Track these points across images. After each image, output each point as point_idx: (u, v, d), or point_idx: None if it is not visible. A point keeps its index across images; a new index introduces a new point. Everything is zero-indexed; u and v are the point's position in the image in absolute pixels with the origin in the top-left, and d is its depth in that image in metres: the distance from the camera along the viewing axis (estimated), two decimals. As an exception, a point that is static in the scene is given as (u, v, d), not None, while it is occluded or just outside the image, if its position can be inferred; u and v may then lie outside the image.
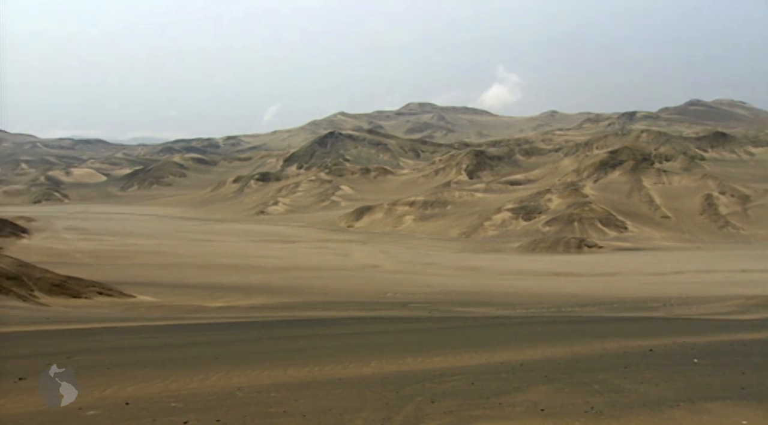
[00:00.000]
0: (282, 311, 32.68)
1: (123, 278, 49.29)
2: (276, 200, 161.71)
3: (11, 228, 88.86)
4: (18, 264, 43.83)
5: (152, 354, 15.30)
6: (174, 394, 10.32)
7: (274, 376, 12.02)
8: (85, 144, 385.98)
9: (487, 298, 41.82)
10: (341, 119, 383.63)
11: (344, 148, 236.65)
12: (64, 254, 69.01)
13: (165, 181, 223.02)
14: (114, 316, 30.06)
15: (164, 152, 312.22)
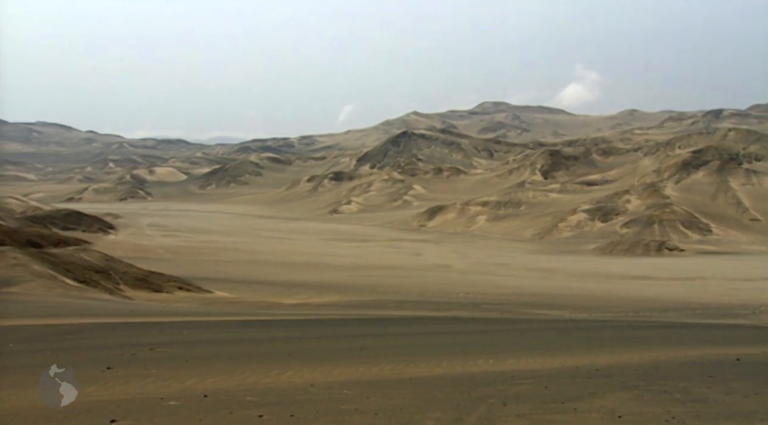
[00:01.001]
0: (354, 310, 32.97)
1: (201, 273, 50.91)
2: (349, 200, 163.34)
3: (100, 224, 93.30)
4: (105, 259, 45.98)
5: (229, 348, 15.71)
6: (250, 388, 10.56)
7: (346, 373, 12.13)
8: (167, 144, 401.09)
9: (561, 300, 40.93)
10: (414, 118, 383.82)
11: (417, 147, 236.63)
12: (147, 249, 71.92)
13: (242, 180, 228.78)
14: (193, 310, 31.07)
15: (241, 152, 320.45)
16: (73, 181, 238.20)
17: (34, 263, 38.54)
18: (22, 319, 22.06)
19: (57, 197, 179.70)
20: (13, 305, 27.82)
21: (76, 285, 37.49)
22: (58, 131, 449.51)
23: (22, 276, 35.97)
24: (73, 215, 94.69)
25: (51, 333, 17.98)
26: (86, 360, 13.20)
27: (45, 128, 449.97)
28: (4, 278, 35.70)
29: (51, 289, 34.76)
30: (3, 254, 39.94)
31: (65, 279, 37.79)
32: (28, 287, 34.24)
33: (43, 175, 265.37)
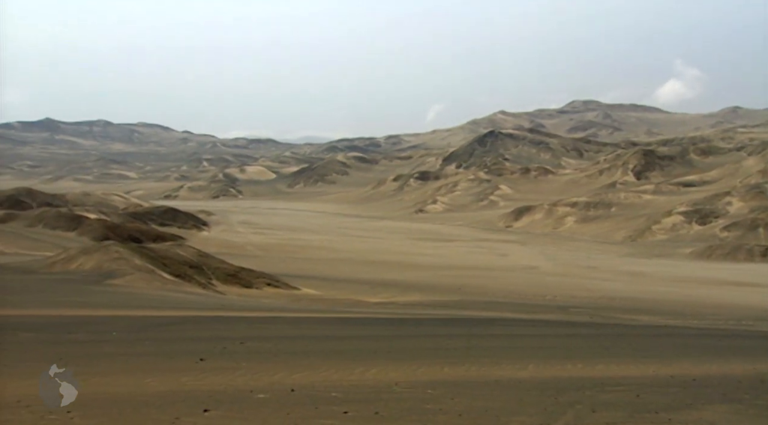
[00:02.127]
0: (438, 309, 32.87)
1: (289, 270, 52.12)
2: (434, 199, 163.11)
3: (194, 221, 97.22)
4: (199, 254, 47.83)
5: (315, 344, 16.00)
6: (335, 384, 10.71)
7: (430, 373, 12.10)
8: (257, 143, 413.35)
9: (653, 305, 39.34)
10: (501, 117, 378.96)
11: (504, 147, 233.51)
12: (237, 246, 74.37)
13: (329, 179, 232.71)
14: (280, 306, 31.84)
15: (329, 151, 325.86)
16: (170, 179, 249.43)
17: (135, 258, 40.56)
18: (124, 310, 23.26)
19: (155, 195, 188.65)
20: (116, 297, 29.40)
21: (172, 279, 39.20)
22: (157, 131, 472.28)
23: (123, 269, 37.95)
24: (170, 212, 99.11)
25: (150, 324, 18.87)
26: (181, 351, 13.77)
27: (145, 129, 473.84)
28: (108, 270, 37.79)
29: (149, 282, 36.50)
30: (107, 248, 42.29)
31: (162, 273, 39.58)
32: (129, 279, 36.09)
33: (143, 173, 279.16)
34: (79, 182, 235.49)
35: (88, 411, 8.06)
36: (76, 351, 13.12)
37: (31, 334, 15.58)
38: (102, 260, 39.69)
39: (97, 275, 36.93)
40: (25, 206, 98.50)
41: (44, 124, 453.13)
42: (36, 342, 14.42)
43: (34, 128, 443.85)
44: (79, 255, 41.31)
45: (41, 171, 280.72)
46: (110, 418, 7.85)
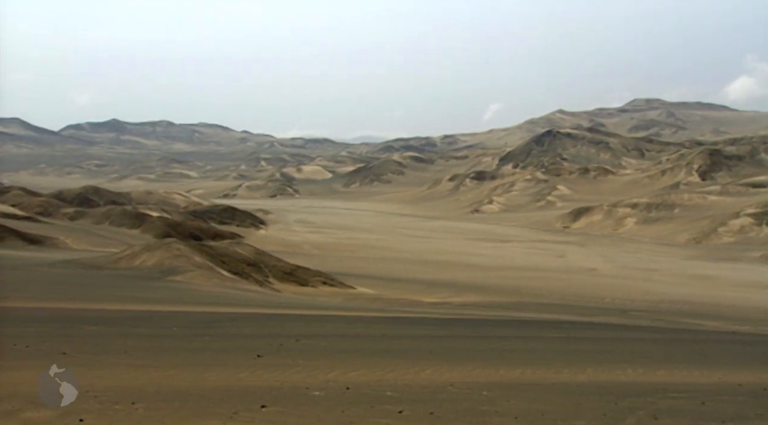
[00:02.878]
0: (494, 311, 32.55)
1: (344, 269, 52.49)
2: (491, 199, 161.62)
3: (252, 220, 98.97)
4: (256, 252, 48.65)
5: (370, 343, 16.06)
6: (390, 384, 10.71)
7: (485, 375, 11.98)
8: (314, 143, 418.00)
9: (719, 311, 37.99)
10: (560, 117, 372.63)
11: (562, 147, 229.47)
12: (294, 244, 75.33)
13: (385, 178, 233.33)
14: (336, 305, 32.09)
15: (384, 151, 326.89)
16: (229, 178, 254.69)
17: (195, 255, 41.56)
18: (184, 306, 23.85)
19: (214, 194, 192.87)
20: (177, 293, 30.18)
21: (230, 277, 39.99)
22: (217, 131, 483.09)
23: (184, 266, 38.93)
24: (228, 210, 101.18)
25: (209, 320, 19.29)
26: (239, 347, 14.02)
27: (206, 129, 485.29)
28: (169, 267, 38.84)
29: (209, 279, 37.34)
30: (169, 245, 43.46)
31: (221, 271, 40.43)
32: (189, 276, 36.99)
33: (203, 172, 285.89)
34: (142, 181, 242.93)
35: (151, 403, 8.29)
36: (140, 345, 13.52)
37: (98, 327, 16.13)
38: (164, 257, 40.81)
39: (159, 271, 37.99)
40: (92, 203, 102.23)
41: (111, 124, 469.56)
42: (102, 335, 14.93)
43: (102, 128, 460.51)
44: (142, 252, 42.59)
45: (108, 170, 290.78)
46: (172, 410, 8.04)
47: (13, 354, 11.69)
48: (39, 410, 7.51)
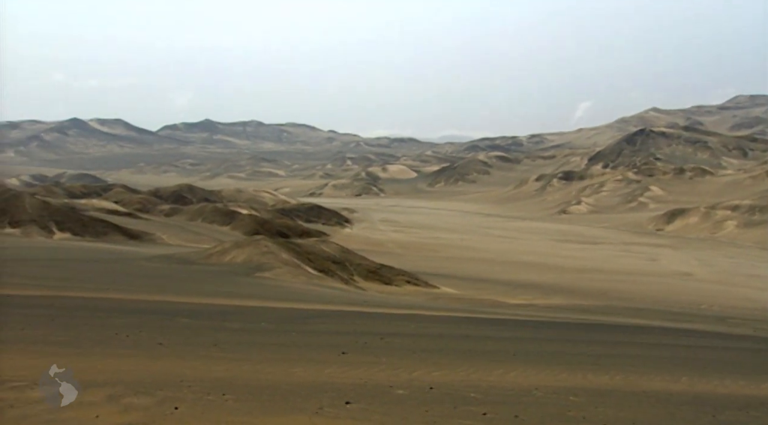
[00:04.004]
0: (581, 314, 31.68)
1: (428, 269, 52.44)
2: (579, 200, 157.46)
3: (337, 218, 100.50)
4: (342, 251, 49.35)
5: (454, 343, 15.97)
6: (474, 385, 10.62)
7: (572, 379, 11.68)
8: (399, 142, 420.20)
9: (829, 321, 35.48)
10: (653, 115, 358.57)
11: (656, 146, 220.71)
12: (378, 243, 75.92)
13: (469, 178, 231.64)
14: (420, 304, 32.12)
15: (470, 150, 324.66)
16: (315, 177, 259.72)
17: (282, 252, 42.59)
18: (272, 301, 24.49)
19: (301, 192, 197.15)
20: (265, 289, 31.03)
21: (316, 274, 40.75)
22: (305, 131, 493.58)
23: (272, 263, 39.98)
24: (315, 208, 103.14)
25: (296, 316, 19.73)
26: (324, 344, 14.26)
27: (294, 129, 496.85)
28: (258, 263, 39.98)
29: (295, 276, 38.18)
30: (257, 242, 44.73)
31: (307, 268, 41.26)
32: (277, 273, 37.95)
33: (290, 171, 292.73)
34: (233, 179, 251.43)
35: (240, 395, 8.56)
36: (230, 339, 13.97)
37: (191, 320, 16.81)
38: (252, 253, 42.05)
39: (248, 267, 39.18)
40: (186, 201, 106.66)
41: (204, 125, 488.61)
42: (195, 327, 15.54)
43: (195, 128, 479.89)
44: (232, 248, 44.05)
45: (201, 169, 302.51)
46: (260, 403, 8.27)
47: (115, 343, 12.35)
48: (139, 397, 7.90)
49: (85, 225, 66.82)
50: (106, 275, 31.70)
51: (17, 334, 12.49)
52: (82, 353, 10.97)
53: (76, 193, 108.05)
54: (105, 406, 7.38)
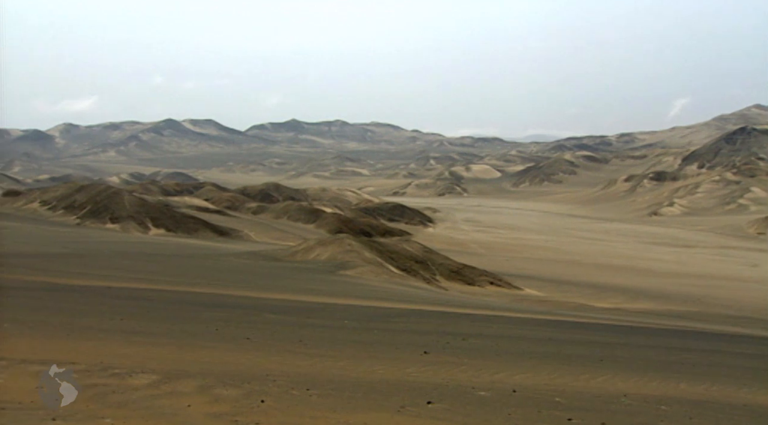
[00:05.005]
0: (672, 320, 30.40)
1: (511, 270, 51.69)
2: (671, 201, 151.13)
3: (420, 218, 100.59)
4: (424, 250, 49.34)
5: (537, 346, 15.66)
6: (559, 389, 10.37)
7: (663, 388, 11.21)
8: (483, 142, 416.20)
9: None
10: (756, 112, 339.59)
11: (758, 145, 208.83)
12: (461, 243, 75.46)
13: (555, 178, 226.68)
14: (502, 305, 31.69)
15: (556, 150, 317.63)
16: (399, 176, 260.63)
17: (365, 250, 43.01)
18: (355, 299, 24.78)
19: (384, 191, 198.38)
20: (348, 287, 31.44)
21: (398, 273, 40.92)
22: (388, 130, 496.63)
23: (355, 261, 40.44)
24: (398, 208, 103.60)
25: (378, 315, 19.88)
26: (406, 343, 14.29)
27: (378, 128, 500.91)
28: (341, 262, 40.55)
29: (378, 275, 38.47)
30: (341, 241, 45.38)
31: (390, 267, 41.50)
32: (360, 271, 38.35)
33: (374, 171, 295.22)
34: (317, 178, 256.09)
35: (324, 391, 8.70)
36: (314, 335, 14.23)
37: (277, 316, 17.24)
38: (336, 251, 42.69)
39: (332, 265, 39.80)
40: (273, 199, 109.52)
41: (290, 124, 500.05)
42: (281, 323, 15.92)
43: (282, 128, 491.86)
44: (316, 246, 44.87)
45: (287, 168, 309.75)
46: (342, 399, 8.38)
47: (205, 336, 12.82)
48: (227, 388, 8.16)
49: (178, 222, 69.76)
50: (197, 270, 32.98)
51: (117, 324, 13.17)
52: (175, 344, 11.45)
53: (170, 191, 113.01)
54: (196, 396, 7.67)
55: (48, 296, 17.19)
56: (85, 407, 6.59)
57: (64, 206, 73.37)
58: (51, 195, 77.86)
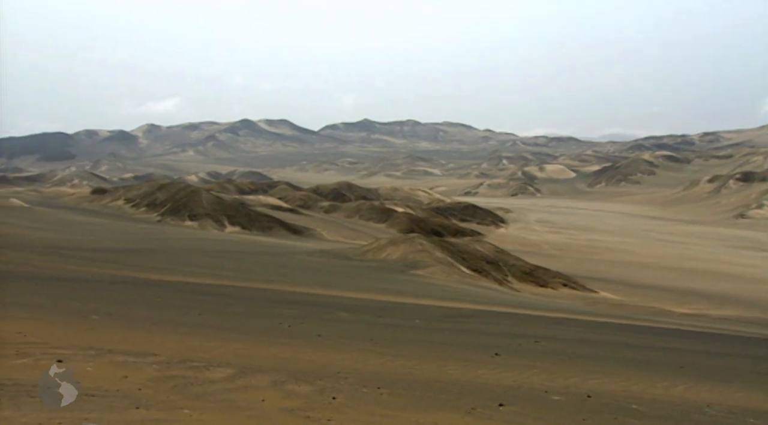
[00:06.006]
0: (761, 329, 28.95)
1: (585, 272, 50.45)
2: (760, 203, 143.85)
3: (492, 218, 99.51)
4: (496, 251, 48.80)
5: (613, 351, 15.23)
6: (635, 396, 10.04)
7: (752, 400, 10.68)
8: (557, 141, 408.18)
9: None
10: None
11: None
12: (533, 244, 74.18)
13: (633, 179, 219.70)
14: (576, 308, 30.97)
15: (634, 149, 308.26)
16: (470, 176, 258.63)
17: (436, 250, 42.90)
18: (425, 299, 24.76)
19: (456, 191, 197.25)
20: (418, 286, 31.44)
21: (469, 273, 40.63)
22: (460, 130, 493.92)
23: (426, 261, 40.41)
24: (470, 208, 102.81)
25: (448, 315, 19.80)
26: (477, 344, 14.17)
27: (449, 128, 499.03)
28: (412, 261, 40.60)
29: (449, 275, 38.30)
30: (412, 240, 45.42)
31: (461, 267, 41.25)
32: (431, 271, 38.29)
33: (446, 170, 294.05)
34: (389, 178, 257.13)
35: (394, 390, 8.72)
36: (384, 334, 14.30)
37: (348, 314, 17.41)
38: (407, 251, 42.76)
39: (403, 264, 39.88)
40: (345, 198, 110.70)
41: (362, 124, 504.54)
42: (352, 321, 16.08)
43: (354, 128, 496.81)
44: (387, 245, 45.07)
45: (359, 167, 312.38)
46: (413, 399, 8.38)
47: (278, 332, 13.08)
48: (300, 384, 8.30)
49: (253, 220, 71.49)
50: (271, 268, 33.71)
51: (195, 318, 13.62)
52: (249, 339, 11.73)
53: (245, 189, 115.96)
54: (269, 391, 7.84)
55: (131, 290, 17.95)
56: (165, 397, 6.84)
57: (146, 204, 76.45)
58: (134, 193, 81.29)
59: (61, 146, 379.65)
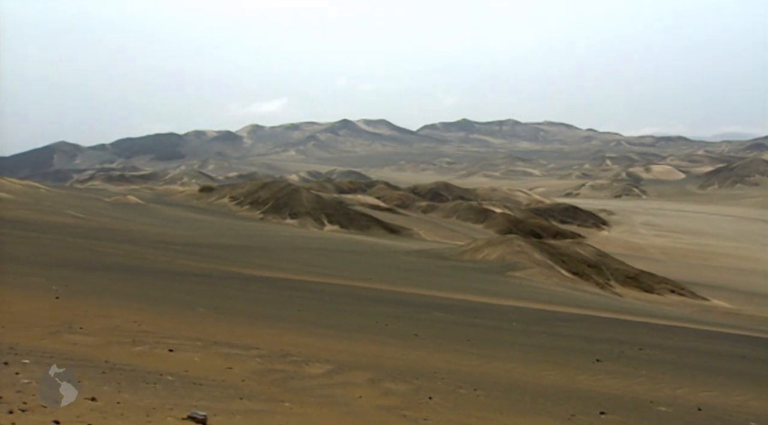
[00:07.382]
0: None
1: (694, 278, 47.96)
2: None
3: (594, 220, 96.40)
4: (598, 254, 47.26)
5: (726, 363, 14.38)
6: (754, 413, 9.43)
7: None
8: (666, 141, 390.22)
9: None
10: None
11: None
12: (638, 248, 71.25)
13: (750, 180, 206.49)
14: (685, 316, 29.49)
15: (752, 149, 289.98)
16: (572, 177, 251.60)
17: (535, 252, 42.05)
18: (523, 301, 24.32)
19: (556, 192, 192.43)
20: (516, 288, 30.92)
21: (569, 276, 39.56)
22: (561, 129, 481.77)
23: (524, 263, 39.69)
24: (570, 209, 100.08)
25: (546, 318, 19.35)
26: (576, 349, 13.76)
27: (550, 127, 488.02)
28: (510, 262, 39.99)
29: (548, 277, 37.44)
30: (510, 241, 44.73)
31: (560, 270, 40.23)
32: (529, 273, 37.57)
33: (545, 171, 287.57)
34: (487, 178, 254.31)
35: (491, 392, 8.61)
36: (480, 335, 14.15)
37: (444, 314, 17.36)
38: (505, 252, 42.15)
39: (500, 266, 39.35)
40: (442, 198, 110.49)
41: (461, 124, 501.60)
42: (448, 322, 16.01)
43: (453, 128, 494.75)
44: (485, 246, 44.60)
45: (457, 167, 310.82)
46: (510, 402, 8.24)
47: (375, 330, 13.22)
48: (396, 383, 8.35)
49: (351, 219, 72.66)
50: (368, 266, 34.13)
51: (295, 314, 13.99)
52: (347, 336, 11.92)
53: (344, 189, 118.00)
54: (366, 388, 7.92)
55: (235, 285, 18.67)
56: (267, 390, 7.05)
57: (249, 202, 79.35)
58: (239, 191, 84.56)
59: (173, 146, 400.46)
